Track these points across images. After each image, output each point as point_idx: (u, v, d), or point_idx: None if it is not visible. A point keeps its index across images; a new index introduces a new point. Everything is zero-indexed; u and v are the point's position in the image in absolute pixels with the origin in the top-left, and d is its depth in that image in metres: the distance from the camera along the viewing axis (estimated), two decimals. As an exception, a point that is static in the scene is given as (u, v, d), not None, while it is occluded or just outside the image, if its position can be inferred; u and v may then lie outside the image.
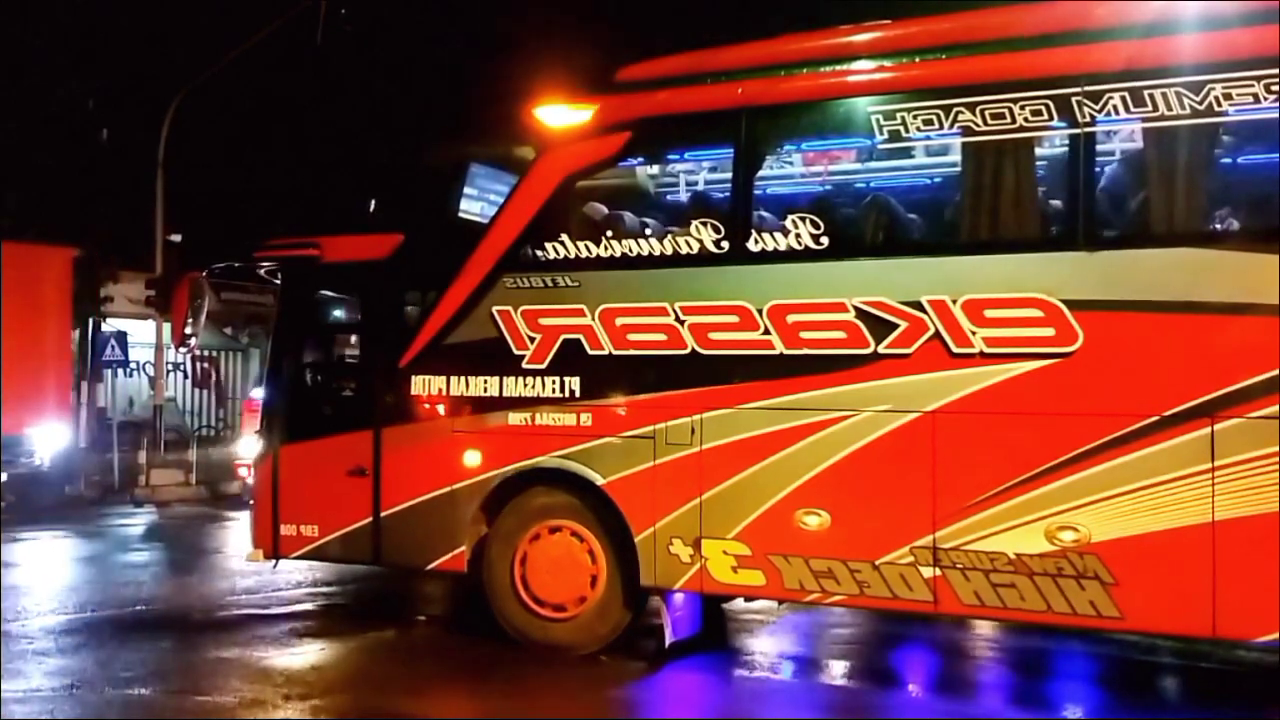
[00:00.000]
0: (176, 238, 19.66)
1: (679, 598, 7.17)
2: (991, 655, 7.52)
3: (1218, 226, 6.04)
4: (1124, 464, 5.82)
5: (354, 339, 8.68)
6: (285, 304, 8.56)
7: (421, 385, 7.62)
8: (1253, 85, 5.66)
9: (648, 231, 7.43)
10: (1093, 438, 5.88)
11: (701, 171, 8.04)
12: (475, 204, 8.62)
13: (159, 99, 19.82)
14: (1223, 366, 5.67)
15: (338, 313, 8.87)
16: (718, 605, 8.08)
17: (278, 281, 8.64)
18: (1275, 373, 5.54)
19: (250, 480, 15.48)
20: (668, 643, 7.18)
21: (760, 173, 7.22)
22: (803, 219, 6.60)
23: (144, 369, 22.01)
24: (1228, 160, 6.40)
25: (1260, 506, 5.54)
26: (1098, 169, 6.28)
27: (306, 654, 7.40)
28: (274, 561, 8.22)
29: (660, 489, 6.84)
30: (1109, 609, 5.84)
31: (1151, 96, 5.85)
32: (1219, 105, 5.74)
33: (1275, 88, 5.60)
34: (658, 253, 7.03)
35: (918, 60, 6.55)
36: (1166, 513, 5.72)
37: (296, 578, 9.55)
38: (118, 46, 20.51)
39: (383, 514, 7.67)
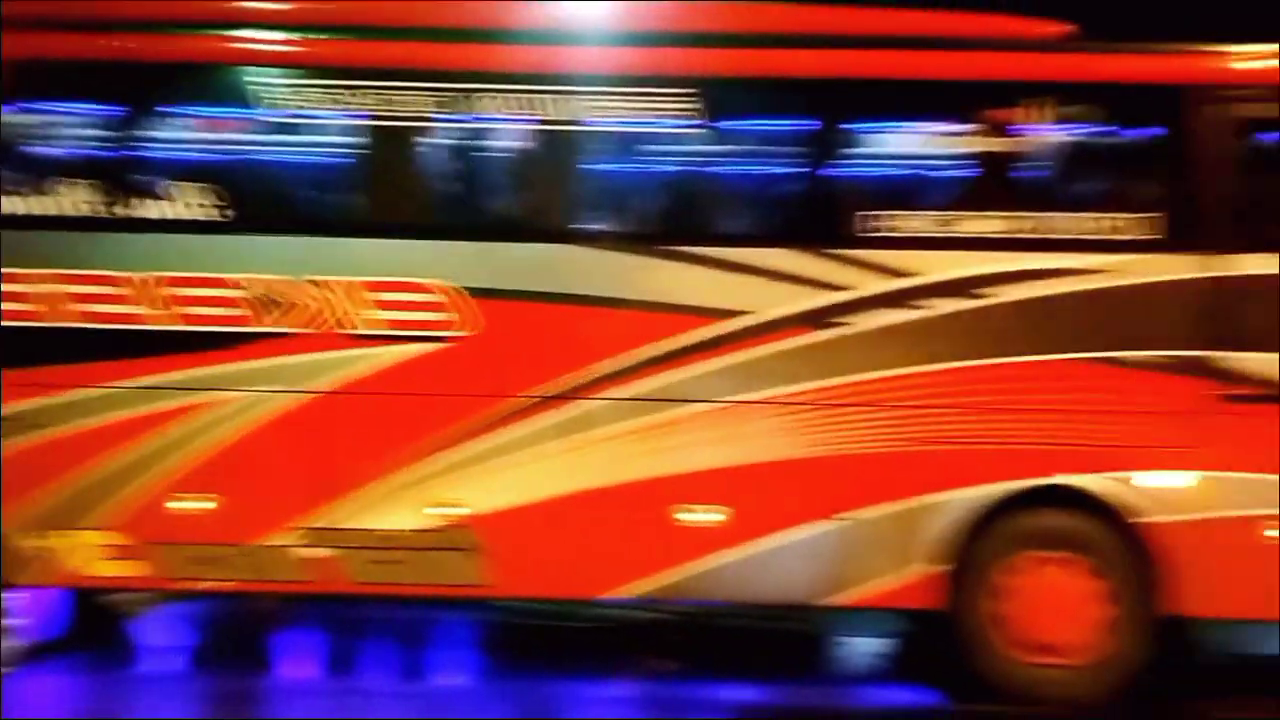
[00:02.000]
0: None
1: (38, 595, 6.56)
2: (383, 631, 7.67)
3: (588, 227, 6.61)
4: (503, 442, 6.23)
5: None
6: None
7: None
8: (622, 100, 6.29)
9: (22, 188, 6.65)
10: (479, 416, 6.23)
11: (86, 127, 7.33)
12: None
13: None
14: (590, 352, 6.24)
15: None
16: (94, 599, 7.45)
17: None
18: (629, 360, 6.20)
19: None
20: (24, 644, 6.54)
21: (149, 135, 6.74)
22: (196, 188, 6.31)
23: None
24: (601, 167, 7.03)
25: (608, 477, 6.19)
26: (498, 164, 6.64)
27: None
28: None
29: (12, 477, 6.18)
30: (485, 578, 6.21)
31: (534, 100, 6.29)
32: (594, 115, 6.30)
33: (638, 104, 6.28)
34: (34, 213, 6.35)
35: (311, 37, 6.49)
36: (533, 485, 6.20)
37: None
38: None
39: None
